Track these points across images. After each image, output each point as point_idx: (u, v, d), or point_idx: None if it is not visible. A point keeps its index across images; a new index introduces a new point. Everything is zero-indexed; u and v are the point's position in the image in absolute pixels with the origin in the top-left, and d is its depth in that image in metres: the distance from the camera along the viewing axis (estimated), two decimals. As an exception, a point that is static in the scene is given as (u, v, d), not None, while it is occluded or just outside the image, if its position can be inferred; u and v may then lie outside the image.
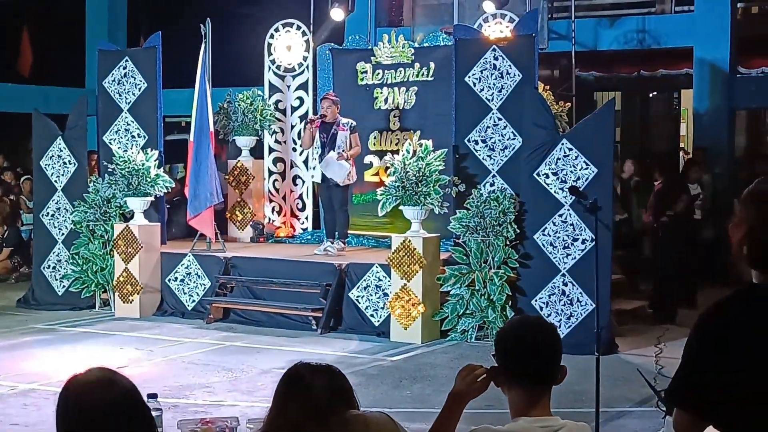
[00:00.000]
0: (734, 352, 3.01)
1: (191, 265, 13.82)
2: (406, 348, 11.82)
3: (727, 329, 3.03)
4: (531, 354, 3.53)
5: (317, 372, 3.40)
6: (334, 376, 3.41)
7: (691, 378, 3.10)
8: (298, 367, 3.44)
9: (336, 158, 13.23)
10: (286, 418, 3.32)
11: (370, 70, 14.78)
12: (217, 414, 8.28)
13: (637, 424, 8.55)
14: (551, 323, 3.76)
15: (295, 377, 3.40)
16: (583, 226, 11.57)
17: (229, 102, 15.30)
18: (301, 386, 3.34)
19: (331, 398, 3.31)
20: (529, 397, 3.54)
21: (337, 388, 3.37)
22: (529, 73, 12.29)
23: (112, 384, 3.08)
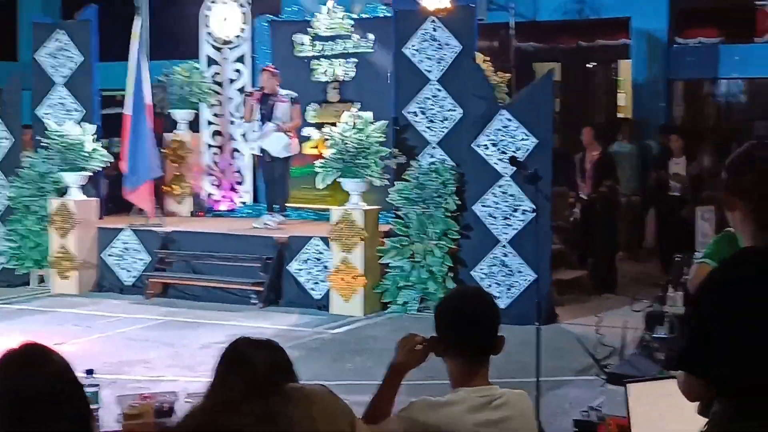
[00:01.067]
0: (742, 316, 3.04)
1: (129, 240, 13.67)
2: (347, 321, 11.81)
3: (734, 294, 3.06)
4: (469, 324, 3.54)
5: (257, 347, 3.38)
6: (274, 351, 3.40)
7: (699, 343, 3.12)
8: (239, 342, 3.43)
9: (274, 130, 13.12)
10: (227, 392, 3.29)
11: (308, 42, 14.66)
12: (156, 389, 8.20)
13: (578, 392, 8.58)
14: (489, 293, 3.77)
15: (235, 352, 3.38)
16: (523, 197, 11.59)
17: (166, 75, 15.12)
18: (241, 361, 3.33)
19: (271, 373, 3.29)
20: (469, 367, 3.56)
21: (278, 363, 3.36)
22: (468, 44, 12.27)
23: (44, 361, 3.03)
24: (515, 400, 3.62)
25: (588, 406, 6.36)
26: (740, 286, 3.10)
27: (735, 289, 3.09)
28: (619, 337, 9.64)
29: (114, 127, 16.32)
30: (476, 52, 12.60)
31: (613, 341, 9.79)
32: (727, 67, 17.00)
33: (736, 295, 3.07)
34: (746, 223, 3.22)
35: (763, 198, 3.18)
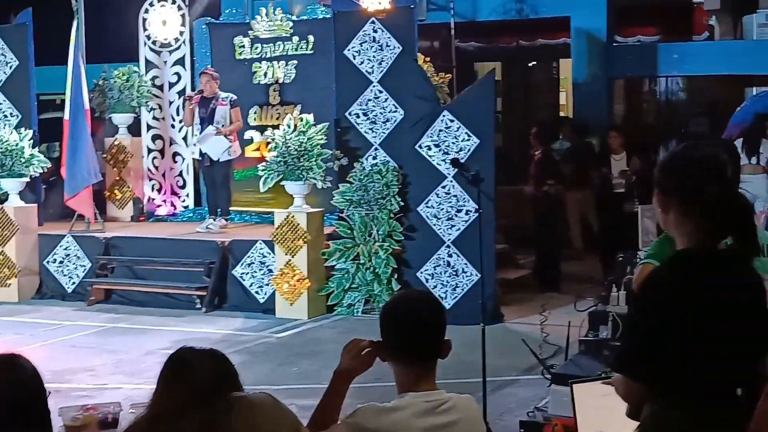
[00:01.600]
0: (677, 317, 3.05)
1: (70, 247, 13.51)
2: (293, 324, 11.75)
3: (668, 295, 3.06)
4: (414, 330, 3.51)
5: (201, 356, 3.36)
6: (217, 360, 3.38)
7: (637, 346, 3.14)
8: (182, 351, 3.40)
9: (213, 133, 13.05)
10: (170, 402, 3.26)
11: (248, 45, 14.58)
12: (101, 398, 8.12)
13: (524, 392, 8.62)
14: (435, 297, 3.76)
15: (178, 362, 3.36)
16: (466, 197, 11.60)
17: (105, 79, 14.97)
18: (185, 370, 3.30)
19: (215, 382, 3.26)
20: (415, 372, 3.54)
21: (221, 372, 3.34)
22: (408, 45, 12.27)
23: (15, 367, 3.05)
24: (462, 404, 3.61)
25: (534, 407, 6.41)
26: (679, 289, 3.11)
27: (673, 292, 3.10)
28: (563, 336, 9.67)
29: (52, 132, 16.16)
30: (417, 53, 12.59)
31: (558, 340, 9.83)
32: (665, 65, 17.14)
33: (675, 299, 3.08)
34: (682, 225, 3.22)
35: (699, 200, 3.18)
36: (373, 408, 3.50)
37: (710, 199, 3.15)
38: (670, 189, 3.23)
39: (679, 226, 3.22)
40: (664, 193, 3.23)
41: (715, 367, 3.11)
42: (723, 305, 3.11)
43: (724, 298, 3.12)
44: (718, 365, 3.11)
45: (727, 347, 3.11)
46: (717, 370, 3.11)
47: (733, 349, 3.13)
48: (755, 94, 16.71)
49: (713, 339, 3.08)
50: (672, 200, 3.21)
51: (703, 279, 3.13)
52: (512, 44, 19.92)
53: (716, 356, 3.10)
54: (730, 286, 3.15)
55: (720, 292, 3.12)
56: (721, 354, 3.10)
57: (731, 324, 3.11)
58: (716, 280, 3.14)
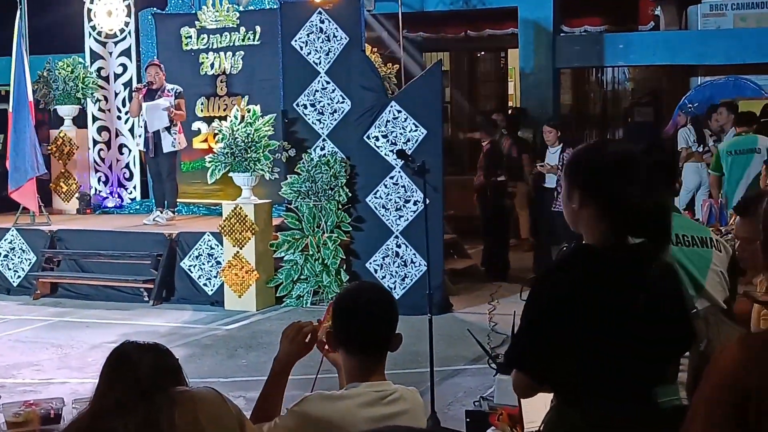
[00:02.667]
0: (572, 314, 3.05)
1: (15, 240, 13.36)
2: (241, 316, 11.71)
3: (564, 291, 3.06)
4: (365, 323, 3.51)
5: (143, 350, 3.35)
6: (160, 354, 3.37)
7: (530, 342, 3.14)
8: (125, 345, 3.40)
9: (163, 107, 12.94)
10: (112, 396, 3.25)
11: (195, 35, 14.48)
12: (46, 393, 8.06)
13: (471, 381, 8.66)
14: (388, 291, 3.75)
15: (119, 357, 3.35)
16: (414, 188, 11.62)
17: (49, 70, 14.80)
18: (126, 365, 3.30)
19: (157, 377, 3.26)
20: (364, 363, 3.55)
21: (164, 366, 3.33)
22: (355, 36, 12.26)
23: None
24: (409, 395, 3.63)
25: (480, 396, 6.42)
26: (576, 285, 3.10)
27: (571, 287, 3.10)
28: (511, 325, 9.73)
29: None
30: (364, 44, 12.58)
31: (506, 329, 9.88)
32: (611, 55, 17.26)
33: (571, 295, 3.08)
34: (596, 223, 3.18)
35: (617, 200, 3.17)
36: (321, 396, 3.51)
37: (628, 200, 3.14)
38: (587, 186, 3.21)
39: (592, 224, 3.20)
40: (580, 189, 3.22)
41: (613, 366, 3.10)
42: (619, 305, 3.09)
43: (622, 297, 3.10)
44: (614, 365, 3.10)
45: (622, 347, 3.09)
46: (614, 369, 3.10)
47: (631, 350, 3.10)
48: (699, 84, 16.90)
49: (607, 338, 3.08)
50: (587, 197, 3.19)
51: (602, 276, 3.12)
52: (460, 34, 19.95)
53: (613, 355, 3.09)
54: (629, 285, 3.12)
55: (618, 292, 3.10)
56: (618, 353, 3.09)
57: (626, 324, 3.09)
58: (617, 279, 3.12)
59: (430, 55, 20.82)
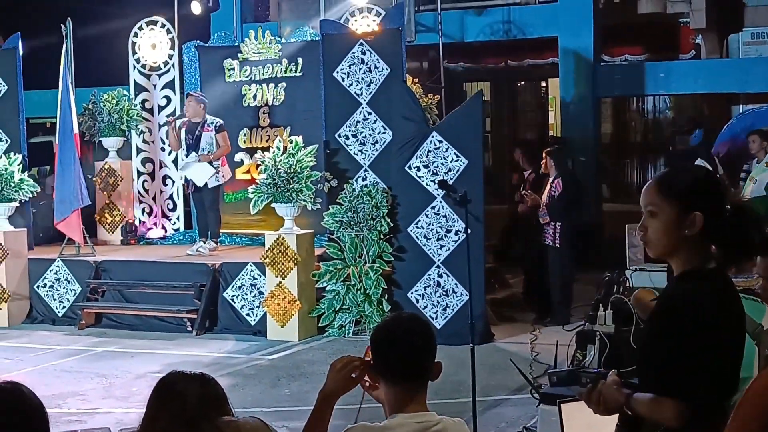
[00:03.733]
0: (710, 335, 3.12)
1: (60, 271, 13.50)
2: (283, 346, 11.75)
3: (712, 315, 3.15)
4: (405, 352, 3.52)
5: (190, 380, 3.38)
6: (206, 384, 3.40)
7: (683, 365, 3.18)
8: (171, 375, 3.43)
9: (196, 160, 13.07)
10: (159, 426, 3.29)
11: (238, 67, 14.63)
12: (91, 422, 8.14)
13: (513, 411, 8.64)
14: (426, 320, 3.75)
15: (167, 385, 3.38)
16: (455, 218, 11.64)
17: (94, 102, 14.97)
18: (173, 394, 3.32)
19: (203, 406, 3.29)
20: (404, 393, 3.54)
21: (210, 396, 3.35)
22: (397, 67, 12.32)
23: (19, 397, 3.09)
24: (453, 427, 3.60)
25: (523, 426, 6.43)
26: (716, 306, 3.17)
27: (713, 310, 3.16)
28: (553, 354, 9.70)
29: (42, 155, 16.18)
30: (405, 74, 12.64)
31: (548, 359, 9.86)
32: (652, 84, 17.23)
33: (714, 317, 3.14)
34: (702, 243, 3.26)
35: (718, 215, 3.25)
36: (364, 427, 3.51)
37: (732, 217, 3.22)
38: (711, 210, 3.25)
39: (702, 248, 3.26)
40: (687, 207, 3.24)
41: (731, 379, 3.23)
42: (737, 319, 3.26)
43: (736, 312, 3.26)
44: (731, 380, 3.24)
45: (737, 362, 3.25)
46: (731, 382, 3.23)
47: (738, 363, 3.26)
48: (741, 112, 16.81)
49: (734, 351, 3.24)
50: (695, 216, 3.23)
51: (726, 295, 3.24)
52: (500, 64, 20.01)
53: (734, 368, 3.24)
54: (732, 301, 3.27)
55: (733, 307, 3.26)
56: (735, 366, 3.25)
57: (739, 338, 3.27)
58: (731, 296, 3.26)
59: (470, 85, 20.88)
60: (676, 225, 3.24)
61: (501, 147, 21.45)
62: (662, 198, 3.29)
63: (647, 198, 3.35)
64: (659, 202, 3.29)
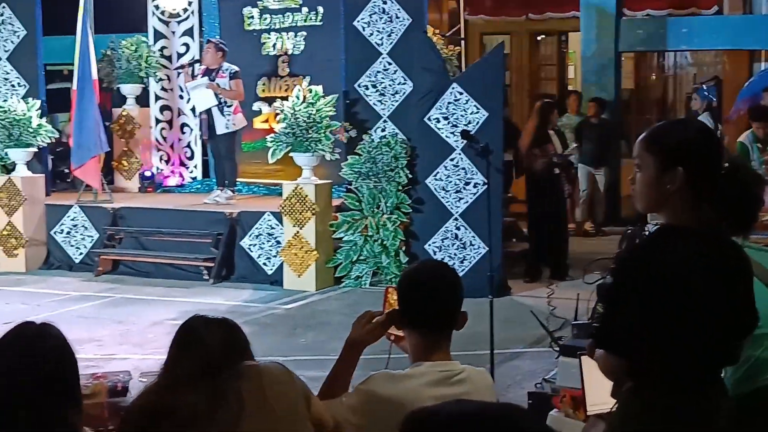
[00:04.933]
0: (657, 292, 3.01)
1: (78, 217, 13.52)
2: (300, 296, 11.77)
3: (650, 270, 3.03)
4: (429, 299, 3.51)
5: (212, 325, 3.38)
6: (229, 329, 3.40)
7: (618, 321, 3.09)
8: (193, 320, 3.43)
9: (204, 84, 12.95)
10: (180, 371, 3.29)
11: (257, 15, 14.53)
12: (108, 368, 8.13)
13: (531, 364, 8.63)
14: (452, 268, 3.72)
15: (189, 331, 3.39)
16: (474, 170, 11.59)
17: (113, 49, 14.94)
18: (195, 340, 3.33)
19: (226, 351, 3.28)
20: (429, 341, 3.54)
21: (231, 341, 3.36)
22: (418, 17, 12.21)
23: (45, 336, 3.09)
24: (476, 376, 3.60)
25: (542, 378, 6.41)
26: (664, 262, 3.06)
27: (657, 266, 3.05)
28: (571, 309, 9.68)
29: (59, 102, 16.13)
30: (427, 25, 12.54)
31: (564, 313, 9.84)
32: (674, 40, 17.06)
33: (658, 273, 3.03)
34: (685, 198, 3.15)
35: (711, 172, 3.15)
36: (386, 374, 3.51)
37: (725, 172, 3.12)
38: (694, 166, 3.15)
39: (688, 205, 3.16)
40: (685, 169, 3.16)
41: (701, 345, 3.07)
42: (709, 281, 3.07)
43: (711, 273, 3.08)
44: (704, 343, 3.07)
45: (712, 324, 3.07)
46: (703, 348, 3.08)
47: (719, 327, 3.09)
48: (763, 70, 16.65)
49: (699, 315, 3.04)
50: (692, 177, 3.15)
51: (690, 253, 3.08)
52: (521, 17, 19.86)
53: (703, 333, 3.06)
54: (717, 261, 3.11)
55: (707, 268, 3.08)
56: (707, 331, 3.06)
57: (717, 300, 3.08)
58: (703, 255, 3.09)
59: (490, 38, 20.74)
60: (658, 179, 3.16)
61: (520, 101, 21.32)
62: (646, 151, 3.22)
63: (635, 151, 3.28)
64: (644, 155, 3.22)
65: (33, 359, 3.11)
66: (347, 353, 3.67)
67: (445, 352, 3.55)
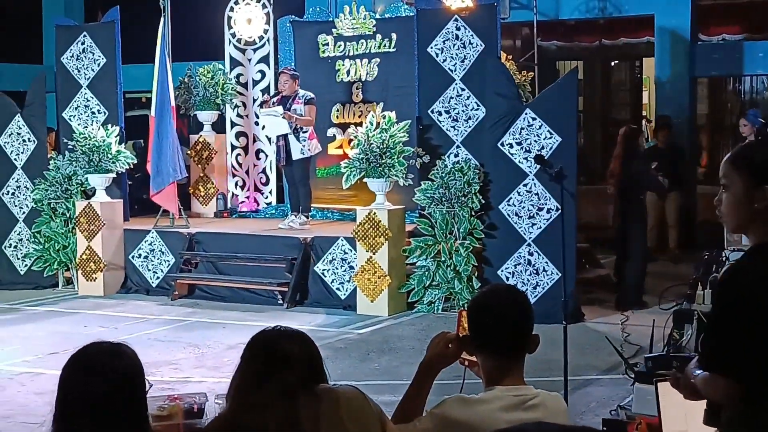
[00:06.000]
0: (761, 309, 2.99)
1: (155, 242, 13.72)
2: (373, 321, 11.80)
3: (753, 289, 3.01)
4: (499, 323, 3.50)
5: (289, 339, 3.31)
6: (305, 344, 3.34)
7: (729, 343, 3.06)
8: (270, 334, 3.33)
9: (279, 114, 13.06)
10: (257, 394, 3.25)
11: (332, 42, 14.67)
12: (184, 390, 8.23)
13: (605, 391, 8.57)
14: (522, 292, 3.72)
15: (266, 347, 3.30)
16: (548, 195, 11.56)
17: (190, 76, 15.16)
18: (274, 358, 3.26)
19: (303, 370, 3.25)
20: (502, 365, 3.53)
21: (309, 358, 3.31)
22: (491, 43, 12.24)
23: (119, 355, 3.14)
24: (550, 401, 3.58)
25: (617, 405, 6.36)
26: (749, 282, 3.03)
27: (758, 285, 3.03)
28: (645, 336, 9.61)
29: (138, 129, 16.41)
30: (500, 51, 12.56)
31: (639, 339, 9.77)
32: (750, 64, 16.88)
33: (760, 293, 3.01)
34: None
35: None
36: (460, 398, 3.51)
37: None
38: (766, 177, 3.13)
39: None
40: (757, 180, 3.14)
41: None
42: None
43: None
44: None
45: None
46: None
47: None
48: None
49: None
50: (764, 188, 3.12)
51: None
52: (594, 43, 19.80)
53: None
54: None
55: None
56: None
57: None
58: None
59: (563, 64, 20.69)
60: (747, 198, 3.15)
61: (594, 127, 21.24)
62: (733, 171, 3.21)
63: (721, 171, 3.27)
64: (731, 175, 3.22)
65: (103, 376, 3.15)
66: (421, 376, 3.66)
67: (519, 377, 3.54)
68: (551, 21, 17.79)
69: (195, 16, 17.19)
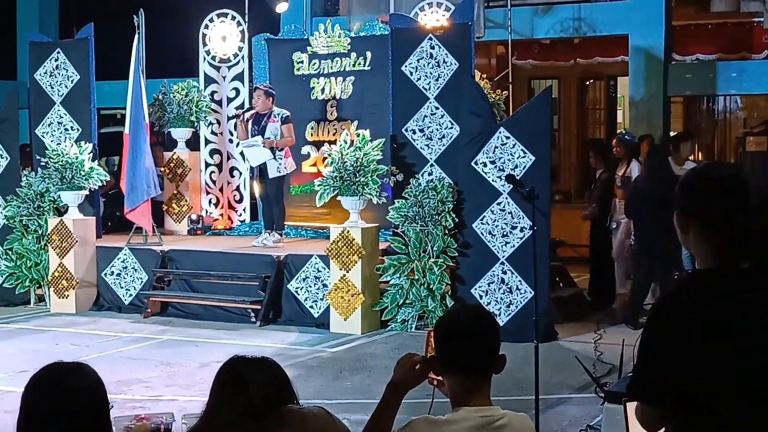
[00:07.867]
0: (692, 341, 2.96)
1: (128, 259, 13.66)
2: (346, 339, 11.78)
3: (685, 317, 2.99)
4: (466, 343, 3.49)
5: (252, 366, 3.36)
6: (269, 369, 3.38)
7: (653, 371, 3.06)
8: (233, 361, 3.42)
9: (260, 144, 13.08)
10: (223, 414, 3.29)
11: (307, 60, 14.68)
12: (155, 409, 8.20)
13: (577, 410, 8.58)
14: (489, 312, 3.71)
15: (230, 372, 3.38)
16: (521, 214, 11.58)
17: (164, 93, 15.11)
18: (236, 381, 3.32)
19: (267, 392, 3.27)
20: (468, 386, 3.51)
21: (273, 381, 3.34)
22: (465, 62, 12.27)
23: (80, 376, 3.12)
24: (517, 422, 3.56)
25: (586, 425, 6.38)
26: (694, 309, 3.02)
27: (685, 314, 3.01)
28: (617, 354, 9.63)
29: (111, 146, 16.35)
30: (474, 70, 12.59)
31: (612, 359, 9.78)
32: (724, 84, 16.98)
33: (691, 319, 2.99)
34: (702, 246, 3.10)
35: (720, 224, 3.09)
36: (426, 420, 3.50)
37: (732, 224, 3.06)
38: (690, 210, 3.12)
39: (699, 247, 3.15)
40: (684, 213, 3.15)
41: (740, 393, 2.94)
42: (744, 326, 2.95)
43: (746, 318, 2.96)
44: (744, 391, 2.94)
45: (753, 371, 2.95)
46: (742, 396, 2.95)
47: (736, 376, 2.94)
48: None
49: (733, 362, 2.93)
50: (691, 221, 3.10)
51: (721, 299, 3.00)
52: (569, 62, 19.89)
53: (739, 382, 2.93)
54: (751, 306, 2.99)
55: (740, 313, 2.97)
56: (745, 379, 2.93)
57: (756, 346, 2.95)
58: (736, 301, 2.99)
59: (538, 82, 20.78)
60: (677, 224, 3.14)
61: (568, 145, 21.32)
62: (676, 197, 3.20)
63: None
64: None
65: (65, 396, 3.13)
66: (389, 396, 3.64)
67: (485, 397, 3.52)
68: (526, 40, 17.86)
69: (170, 33, 17.17)
